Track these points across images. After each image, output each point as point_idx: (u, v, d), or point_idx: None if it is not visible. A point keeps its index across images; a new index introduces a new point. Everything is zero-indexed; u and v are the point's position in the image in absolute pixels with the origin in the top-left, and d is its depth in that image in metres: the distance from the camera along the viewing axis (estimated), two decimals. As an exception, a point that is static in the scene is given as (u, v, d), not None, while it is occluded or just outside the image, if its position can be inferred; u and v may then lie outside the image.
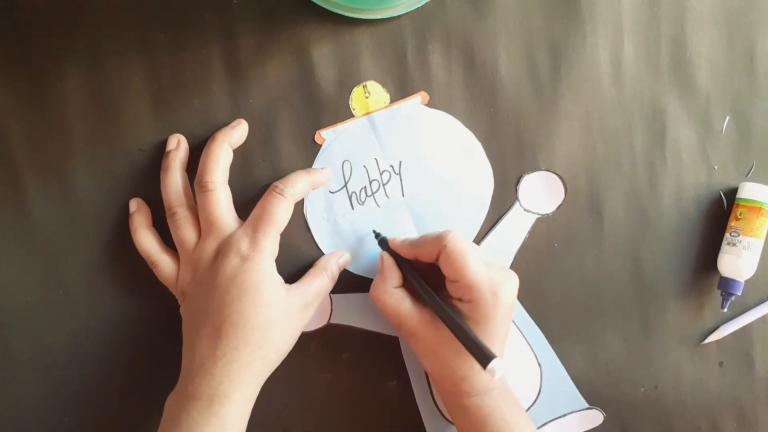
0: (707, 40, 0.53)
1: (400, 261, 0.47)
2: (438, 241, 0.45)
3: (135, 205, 0.47)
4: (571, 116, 0.52)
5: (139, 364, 0.49)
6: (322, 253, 0.50)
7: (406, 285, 0.47)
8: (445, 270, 0.45)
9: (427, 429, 0.52)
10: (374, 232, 0.50)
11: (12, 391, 0.48)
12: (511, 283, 0.45)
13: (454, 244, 0.44)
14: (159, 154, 0.47)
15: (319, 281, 0.47)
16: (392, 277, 0.47)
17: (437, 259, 0.45)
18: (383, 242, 0.49)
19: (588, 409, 0.54)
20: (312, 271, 0.48)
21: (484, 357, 0.40)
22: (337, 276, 0.49)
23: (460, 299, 0.45)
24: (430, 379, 0.50)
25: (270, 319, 0.43)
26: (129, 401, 0.49)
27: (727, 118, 0.54)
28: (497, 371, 0.39)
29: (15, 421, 0.48)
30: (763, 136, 0.54)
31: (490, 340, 0.44)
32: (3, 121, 0.46)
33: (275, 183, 0.46)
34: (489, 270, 0.45)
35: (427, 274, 0.46)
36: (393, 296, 0.46)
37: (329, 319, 0.51)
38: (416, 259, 0.47)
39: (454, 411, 0.48)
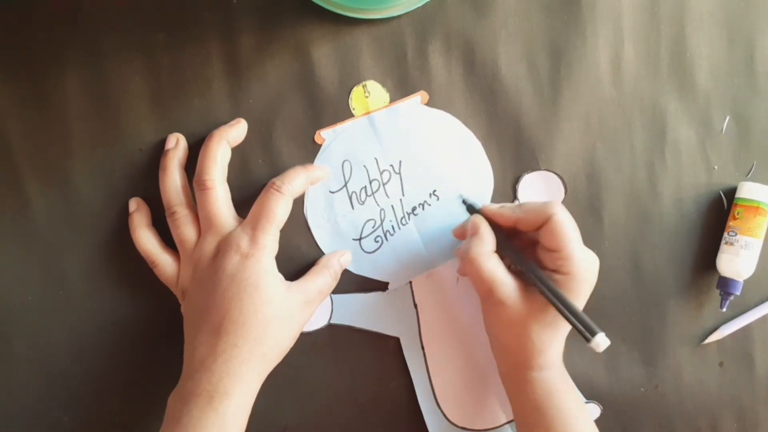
0: (707, 40, 0.53)
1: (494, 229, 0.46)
2: (544, 210, 0.44)
3: (135, 204, 0.47)
4: (570, 116, 0.52)
5: (139, 364, 0.49)
6: (323, 253, 0.50)
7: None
8: (548, 239, 0.44)
9: (429, 430, 0.52)
10: (462, 197, 0.49)
11: (12, 391, 0.48)
12: (597, 263, 0.45)
13: (563, 215, 0.44)
14: (159, 153, 0.47)
15: (322, 279, 0.47)
16: (490, 240, 0.45)
17: (538, 228, 0.44)
18: (471, 208, 0.48)
19: (585, 403, 0.54)
20: (314, 269, 0.48)
21: (589, 330, 0.42)
22: (339, 274, 0.49)
23: (555, 271, 0.44)
24: (492, 351, 0.50)
25: (270, 316, 0.43)
26: (129, 401, 0.49)
27: (727, 118, 0.54)
28: (602, 344, 0.41)
29: (15, 421, 0.48)
30: (763, 136, 0.54)
31: None
32: (3, 121, 0.46)
33: (273, 180, 0.46)
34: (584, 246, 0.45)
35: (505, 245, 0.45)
36: (491, 260, 0.44)
37: (329, 319, 0.51)
38: (514, 225, 0.45)
39: (517, 385, 0.47)
